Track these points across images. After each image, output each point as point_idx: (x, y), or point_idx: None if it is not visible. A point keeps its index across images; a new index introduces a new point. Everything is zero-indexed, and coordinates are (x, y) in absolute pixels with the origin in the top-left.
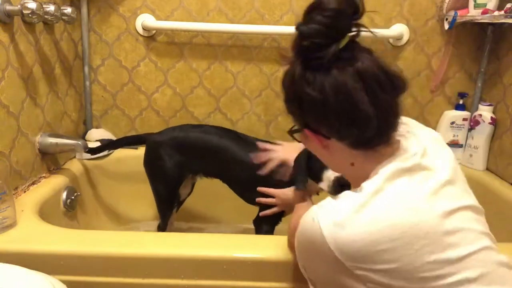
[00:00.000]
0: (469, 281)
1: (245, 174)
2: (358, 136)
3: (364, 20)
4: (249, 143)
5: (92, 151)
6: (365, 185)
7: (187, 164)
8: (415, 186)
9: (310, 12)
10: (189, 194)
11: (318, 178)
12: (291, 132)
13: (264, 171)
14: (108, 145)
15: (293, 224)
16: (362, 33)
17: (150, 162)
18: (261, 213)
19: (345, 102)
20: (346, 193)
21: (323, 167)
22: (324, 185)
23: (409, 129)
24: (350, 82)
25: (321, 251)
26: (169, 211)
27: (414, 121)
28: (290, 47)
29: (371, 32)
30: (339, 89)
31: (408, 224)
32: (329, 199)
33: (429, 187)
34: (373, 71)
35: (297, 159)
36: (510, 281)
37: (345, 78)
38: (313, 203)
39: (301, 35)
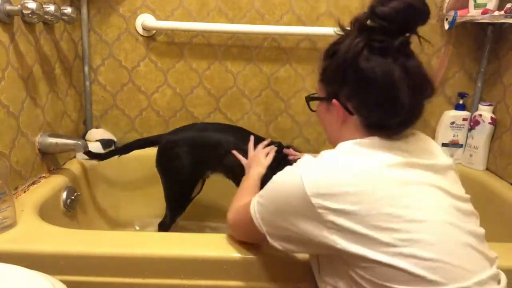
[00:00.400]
0: (425, 243)
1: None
2: (382, 120)
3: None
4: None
5: (99, 156)
6: (343, 143)
7: (204, 163)
8: (385, 156)
9: None
10: (198, 193)
11: None
12: (310, 98)
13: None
14: (119, 150)
15: (238, 204)
16: None
17: (166, 162)
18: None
19: (389, 87)
20: (323, 152)
21: None
22: None
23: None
24: (399, 73)
25: (292, 190)
26: (181, 210)
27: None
28: (351, 22)
29: (421, 40)
30: (388, 75)
31: (373, 177)
32: (307, 155)
33: (397, 160)
34: (419, 72)
35: None
36: (472, 260)
37: (397, 68)
38: None
39: (376, 14)
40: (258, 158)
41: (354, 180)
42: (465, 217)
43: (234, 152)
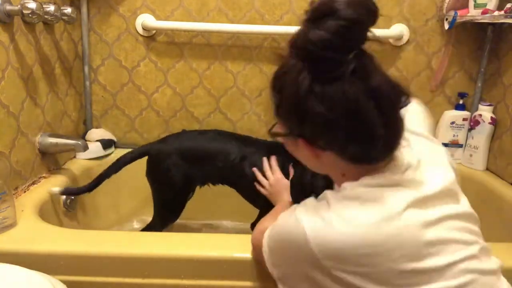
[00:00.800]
0: None
1: (252, 176)
2: (361, 154)
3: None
4: (254, 146)
5: (86, 189)
6: (347, 186)
7: (196, 174)
8: (399, 196)
9: (322, 17)
10: (190, 197)
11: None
12: (274, 135)
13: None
14: (106, 173)
15: (264, 225)
16: None
17: (157, 174)
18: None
19: (357, 121)
20: (327, 193)
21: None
22: None
23: (405, 136)
24: (363, 100)
25: (299, 248)
26: (172, 220)
27: (416, 113)
28: (290, 45)
29: (378, 38)
30: (351, 107)
31: (390, 232)
32: (311, 199)
33: (414, 198)
34: (386, 89)
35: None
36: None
37: (358, 95)
38: None
39: (310, 41)
40: (282, 186)
41: (367, 241)
42: (474, 233)
43: (256, 184)
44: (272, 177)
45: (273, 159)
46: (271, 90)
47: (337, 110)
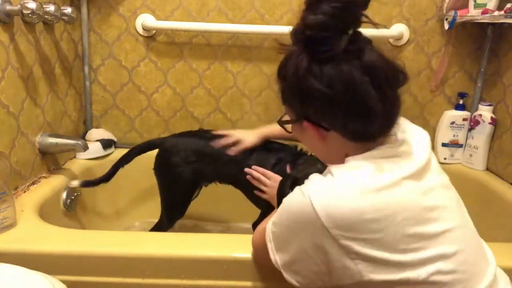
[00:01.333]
0: (446, 256)
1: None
2: (362, 130)
3: (364, 20)
4: (261, 147)
5: (104, 179)
6: (350, 159)
7: (203, 171)
8: (398, 165)
9: (317, 2)
10: (195, 197)
11: None
12: (281, 123)
13: (216, 145)
14: (120, 162)
15: (264, 226)
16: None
17: (165, 169)
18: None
19: (354, 96)
20: (331, 168)
21: None
22: None
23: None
24: (358, 76)
25: (307, 221)
26: (178, 217)
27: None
28: (291, 35)
29: (374, 25)
30: (348, 83)
31: (391, 196)
32: (314, 175)
33: (408, 169)
34: (380, 65)
35: (281, 187)
36: (483, 258)
37: (354, 72)
38: None
39: (307, 25)
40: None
41: (373, 206)
42: (463, 207)
43: (255, 191)
44: (269, 181)
45: (257, 167)
46: (277, 79)
47: (335, 87)
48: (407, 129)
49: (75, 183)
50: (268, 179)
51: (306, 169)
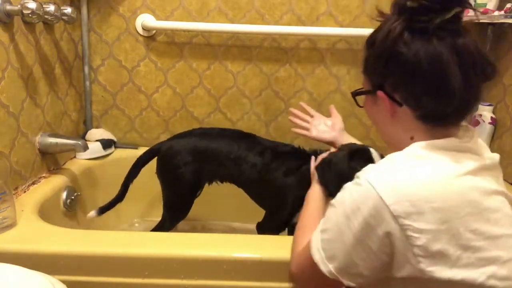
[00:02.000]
0: (500, 261)
1: (259, 176)
2: (435, 109)
3: (364, 20)
4: (263, 146)
5: (120, 196)
6: (415, 145)
7: (204, 172)
8: (465, 159)
9: None
10: (198, 196)
11: None
12: (355, 93)
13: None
14: (128, 179)
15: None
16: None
17: (167, 171)
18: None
19: (437, 72)
20: (391, 155)
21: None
22: None
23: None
24: (447, 55)
25: (371, 211)
26: (181, 218)
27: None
28: (391, 6)
29: (474, 8)
30: (434, 58)
31: (457, 189)
32: (371, 165)
33: (473, 165)
34: (472, 50)
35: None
36: None
37: (444, 49)
38: None
39: None
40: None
41: (438, 194)
42: None
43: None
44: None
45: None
46: (365, 47)
47: (421, 59)
48: (476, 136)
49: (92, 214)
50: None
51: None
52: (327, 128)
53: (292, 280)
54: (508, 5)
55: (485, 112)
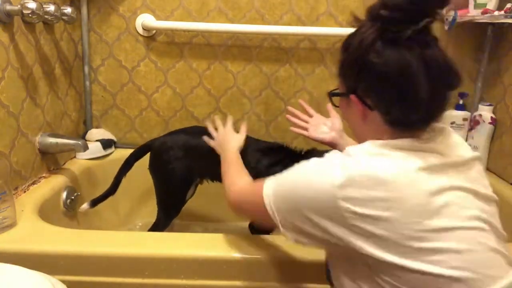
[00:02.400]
0: (451, 251)
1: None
2: (403, 116)
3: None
4: (256, 145)
5: (112, 189)
6: (369, 143)
7: (195, 168)
8: (417, 157)
9: None
10: (191, 196)
11: None
12: (331, 94)
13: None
14: (120, 173)
15: (233, 178)
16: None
17: (159, 166)
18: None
19: (406, 81)
20: (348, 149)
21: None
22: None
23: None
24: (416, 65)
25: (320, 188)
26: (174, 214)
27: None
28: (366, 11)
29: (443, 18)
30: (404, 67)
31: (404, 182)
32: (334, 151)
33: (428, 163)
34: (439, 62)
35: None
36: (497, 265)
37: (413, 59)
38: None
39: (385, 4)
40: (230, 136)
41: (385, 185)
42: (491, 218)
43: (205, 137)
44: (222, 130)
45: (229, 118)
46: (340, 50)
47: (391, 68)
48: (451, 137)
49: (84, 206)
50: (219, 130)
51: None
52: (326, 128)
53: (231, 207)
54: (508, 5)
55: (485, 112)
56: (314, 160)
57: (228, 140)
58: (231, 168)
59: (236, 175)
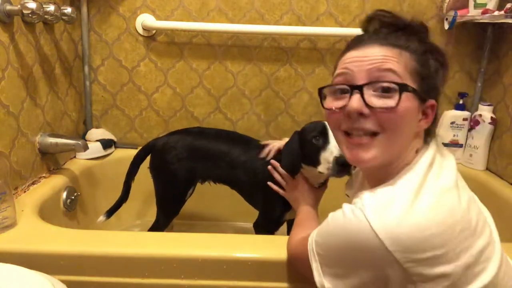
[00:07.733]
0: (495, 267)
1: (251, 178)
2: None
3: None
4: (255, 147)
5: (124, 196)
6: (408, 176)
7: (197, 169)
8: (446, 175)
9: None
10: (190, 195)
11: (314, 162)
12: (405, 89)
13: (262, 155)
14: (129, 177)
15: (298, 237)
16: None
17: (160, 166)
18: (269, 183)
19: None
20: (385, 188)
21: (319, 148)
22: (322, 168)
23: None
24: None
25: (366, 246)
26: (174, 215)
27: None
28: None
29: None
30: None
31: (447, 209)
32: (365, 194)
33: (453, 176)
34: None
35: (287, 145)
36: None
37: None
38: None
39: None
40: (302, 191)
41: (435, 217)
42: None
43: (270, 184)
44: (290, 181)
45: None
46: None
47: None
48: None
49: (101, 218)
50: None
51: None
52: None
53: (289, 262)
54: (508, 5)
55: (485, 112)
56: (345, 213)
57: (298, 198)
58: (300, 223)
59: (299, 229)
